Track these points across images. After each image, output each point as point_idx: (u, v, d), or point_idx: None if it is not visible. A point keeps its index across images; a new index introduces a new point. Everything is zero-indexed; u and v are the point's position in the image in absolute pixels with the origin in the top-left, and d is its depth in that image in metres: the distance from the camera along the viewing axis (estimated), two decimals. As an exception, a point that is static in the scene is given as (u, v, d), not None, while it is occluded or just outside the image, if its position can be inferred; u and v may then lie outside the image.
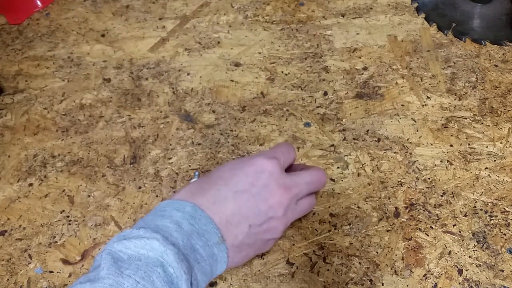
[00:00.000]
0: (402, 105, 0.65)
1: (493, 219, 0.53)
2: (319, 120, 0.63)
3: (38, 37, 0.78)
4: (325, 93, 0.66)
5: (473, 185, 0.56)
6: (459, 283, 0.49)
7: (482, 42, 0.72)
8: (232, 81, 0.69)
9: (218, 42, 0.75)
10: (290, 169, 0.51)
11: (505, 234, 0.52)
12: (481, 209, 0.54)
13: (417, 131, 0.62)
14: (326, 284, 0.49)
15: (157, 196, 0.57)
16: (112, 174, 0.60)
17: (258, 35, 0.75)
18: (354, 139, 0.61)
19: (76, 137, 0.64)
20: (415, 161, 0.59)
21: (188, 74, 0.70)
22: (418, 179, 0.57)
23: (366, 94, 0.66)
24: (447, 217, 0.54)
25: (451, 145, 0.60)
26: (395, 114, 0.64)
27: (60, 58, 0.74)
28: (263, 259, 0.51)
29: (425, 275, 0.50)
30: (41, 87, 0.70)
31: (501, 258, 0.50)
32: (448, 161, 0.59)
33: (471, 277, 0.49)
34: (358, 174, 0.58)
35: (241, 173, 0.44)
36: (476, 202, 0.55)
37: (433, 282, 0.49)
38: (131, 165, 0.60)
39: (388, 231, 0.53)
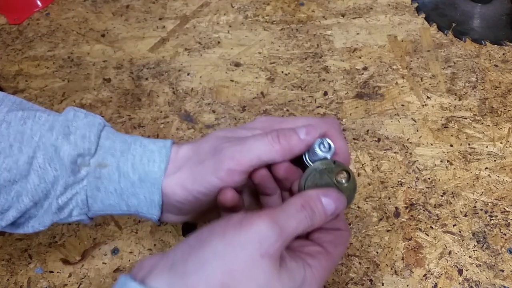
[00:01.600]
0: (402, 105, 0.65)
1: (493, 219, 0.53)
2: (319, 120, 0.63)
3: (38, 37, 0.78)
4: (325, 93, 0.67)
5: (473, 185, 0.56)
6: (459, 283, 0.49)
7: (482, 42, 0.72)
8: (232, 81, 0.69)
9: (218, 42, 0.75)
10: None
11: (505, 234, 0.52)
12: (481, 209, 0.54)
13: (417, 131, 0.62)
14: (326, 284, 0.49)
15: (157, 196, 0.57)
16: (112, 174, 0.60)
17: (258, 35, 0.75)
18: (354, 139, 0.61)
19: (76, 137, 0.64)
20: (415, 161, 0.59)
21: (188, 74, 0.70)
22: (418, 179, 0.57)
23: (366, 94, 0.66)
24: (447, 217, 0.54)
25: (451, 145, 0.60)
26: (395, 114, 0.64)
27: (60, 58, 0.74)
28: (263, 259, 0.51)
29: (425, 275, 0.50)
30: (41, 87, 0.70)
31: (501, 258, 0.50)
32: (448, 161, 0.59)
33: (471, 277, 0.49)
34: (358, 174, 0.58)
35: None
36: (476, 202, 0.55)
37: (433, 282, 0.49)
38: (131, 165, 0.60)
39: (388, 231, 0.53)
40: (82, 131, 0.36)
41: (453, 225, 0.53)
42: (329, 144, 0.35)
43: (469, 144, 0.60)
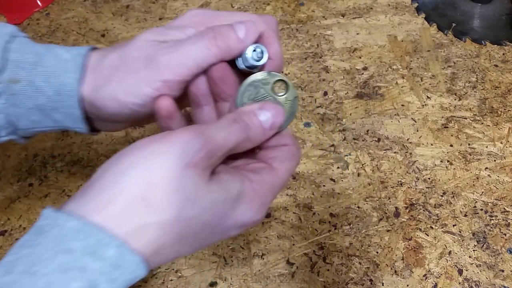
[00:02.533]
0: (402, 105, 0.65)
1: (493, 219, 0.53)
2: (319, 120, 0.63)
3: (38, 37, 0.78)
4: (325, 93, 0.67)
5: (473, 185, 0.56)
6: (459, 283, 0.49)
7: (482, 42, 0.72)
8: (232, 81, 0.69)
9: (218, 42, 0.75)
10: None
11: (505, 234, 0.52)
12: (481, 209, 0.54)
13: (417, 131, 0.62)
14: (326, 284, 0.49)
15: (157, 196, 0.57)
16: (112, 174, 0.60)
17: (258, 35, 0.75)
18: (354, 139, 0.61)
19: (76, 137, 0.64)
20: (415, 161, 0.59)
21: (188, 74, 0.70)
22: (418, 179, 0.57)
23: (366, 94, 0.66)
24: (447, 217, 0.54)
25: (451, 145, 0.60)
26: (395, 114, 0.64)
27: (60, 58, 0.74)
28: (263, 259, 0.51)
29: (425, 275, 0.50)
30: (41, 87, 0.70)
31: (501, 258, 0.50)
32: (448, 161, 0.59)
33: (471, 277, 0.49)
34: (358, 174, 0.58)
35: (219, 236, 0.30)
36: (476, 202, 0.55)
37: (433, 282, 0.49)
38: (131, 165, 0.60)
39: (388, 231, 0.53)
40: None
41: (453, 225, 0.53)
42: (262, 52, 0.33)
43: (469, 144, 0.60)
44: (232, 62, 0.34)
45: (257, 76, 0.33)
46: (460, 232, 0.53)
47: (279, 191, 0.31)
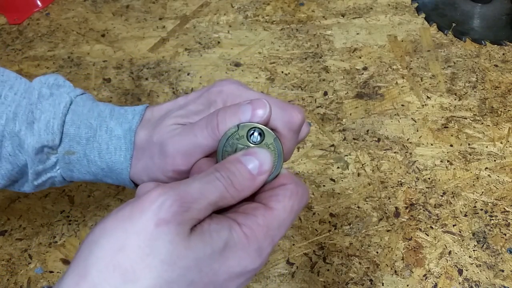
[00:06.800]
0: (402, 105, 0.65)
1: (493, 219, 0.53)
2: (319, 120, 0.63)
3: (38, 37, 0.78)
4: (325, 93, 0.67)
5: (473, 185, 0.56)
6: (459, 283, 0.49)
7: (482, 42, 0.72)
8: (232, 81, 0.69)
9: (218, 42, 0.75)
10: None
11: (505, 234, 0.52)
12: (481, 209, 0.54)
13: (417, 131, 0.62)
14: (326, 284, 0.49)
15: (157, 196, 0.57)
16: (112, 174, 0.60)
17: (258, 35, 0.75)
18: (354, 139, 0.61)
19: (76, 137, 0.64)
20: (415, 161, 0.59)
21: (188, 74, 0.70)
22: (418, 179, 0.57)
23: (366, 94, 0.66)
24: (447, 217, 0.54)
25: (451, 145, 0.60)
26: (395, 114, 0.64)
27: (60, 58, 0.74)
28: (263, 259, 0.51)
29: (425, 275, 0.50)
30: (41, 87, 0.70)
31: (501, 258, 0.50)
32: (448, 161, 0.59)
33: (471, 277, 0.49)
34: (358, 174, 0.58)
35: None
36: (476, 202, 0.55)
37: (433, 282, 0.49)
38: (131, 165, 0.60)
39: (388, 231, 0.53)
40: (46, 116, 0.36)
41: (453, 225, 0.53)
42: (261, 135, 0.30)
43: (469, 144, 0.60)
44: None
45: (227, 134, 0.31)
46: (460, 232, 0.53)
47: (279, 234, 0.28)
